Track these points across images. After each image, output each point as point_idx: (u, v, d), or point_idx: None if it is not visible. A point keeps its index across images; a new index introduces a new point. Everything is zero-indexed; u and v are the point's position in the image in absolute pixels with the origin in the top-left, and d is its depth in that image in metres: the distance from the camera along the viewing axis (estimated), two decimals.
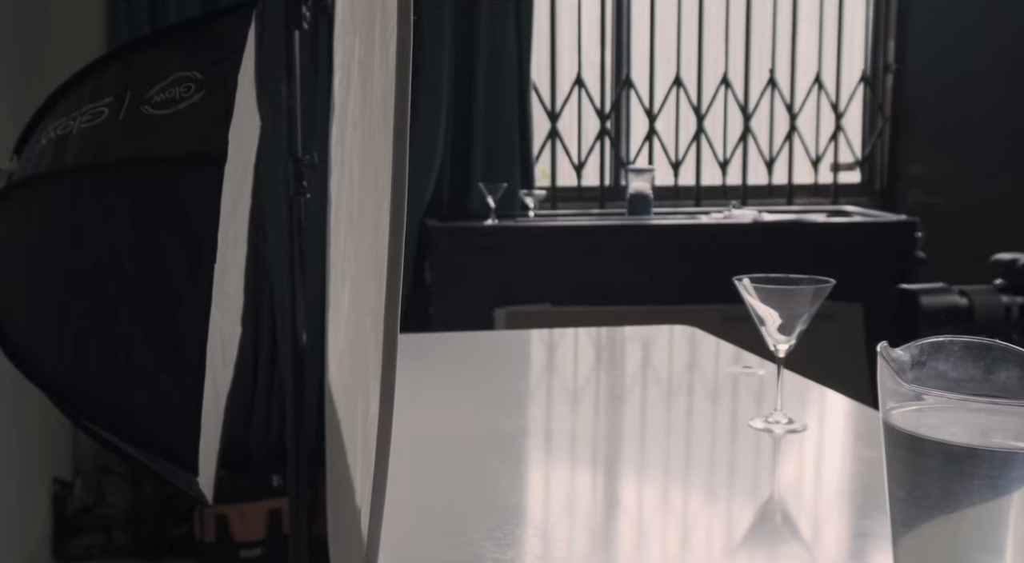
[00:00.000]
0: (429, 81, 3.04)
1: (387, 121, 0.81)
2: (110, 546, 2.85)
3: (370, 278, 0.97)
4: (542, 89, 3.32)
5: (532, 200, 3.09)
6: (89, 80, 1.04)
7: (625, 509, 0.99)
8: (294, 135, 1.69)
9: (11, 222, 0.98)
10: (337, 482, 1.31)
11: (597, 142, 3.38)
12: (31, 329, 0.97)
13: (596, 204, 3.36)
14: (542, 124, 3.32)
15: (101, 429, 0.97)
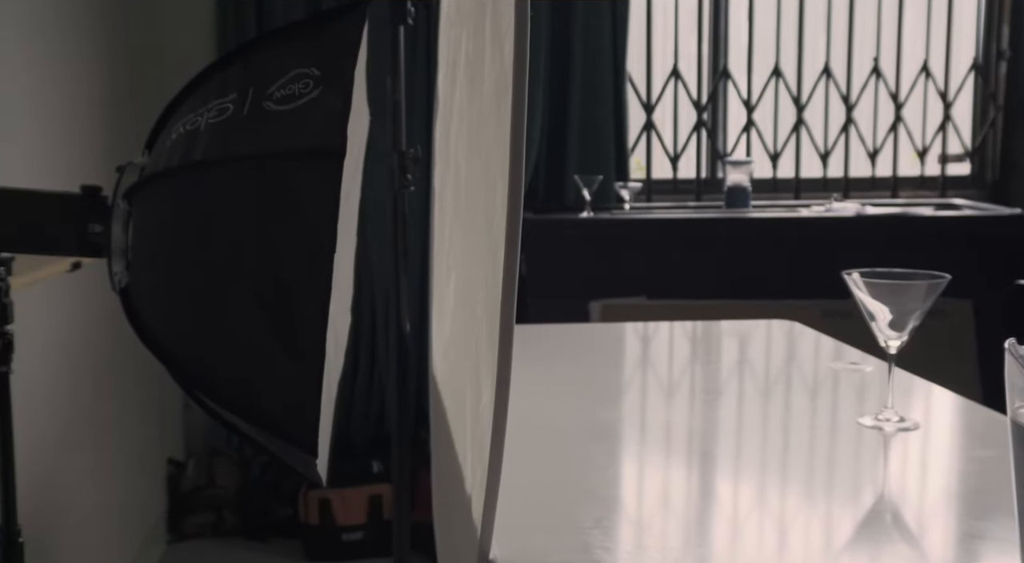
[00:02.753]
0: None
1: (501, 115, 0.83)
2: (220, 525, 2.97)
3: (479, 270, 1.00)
4: (637, 81, 3.30)
5: (627, 192, 3.08)
6: (215, 77, 1.08)
7: (720, 504, 0.98)
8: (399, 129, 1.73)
9: (144, 213, 1.03)
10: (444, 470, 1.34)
11: (693, 134, 3.35)
12: (165, 315, 1.03)
13: (692, 197, 3.33)
14: (637, 116, 3.31)
15: (225, 411, 1.02)
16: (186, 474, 3.00)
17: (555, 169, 3.18)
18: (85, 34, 2.37)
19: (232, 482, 2.99)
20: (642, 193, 3.24)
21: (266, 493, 2.95)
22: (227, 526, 2.97)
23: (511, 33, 0.78)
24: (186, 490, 2.97)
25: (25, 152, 1.97)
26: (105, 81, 2.47)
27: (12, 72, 1.92)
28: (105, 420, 2.45)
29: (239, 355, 0.98)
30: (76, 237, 1.12)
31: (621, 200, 3.10)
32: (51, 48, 2.14)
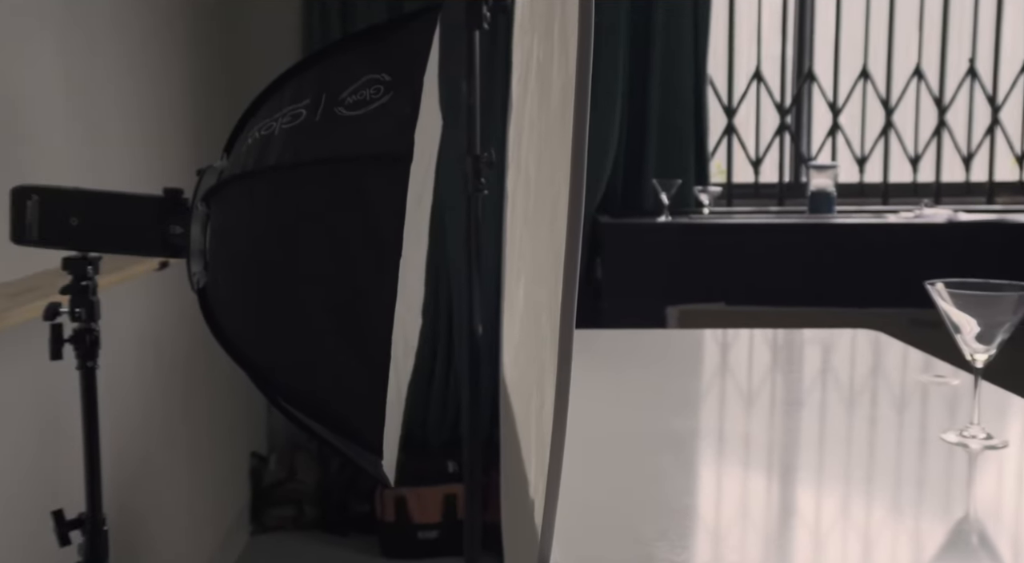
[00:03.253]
0: (603, 77, 3.05)
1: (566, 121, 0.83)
2: (300, 519, 3.03)
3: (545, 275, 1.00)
4: (719, 84, 3.26)
5: (707, 197, 3.04)
6: (290, 83, 1.11)
7: (801, 518, 0.96)
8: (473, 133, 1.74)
9: (222, 215, 1.07)
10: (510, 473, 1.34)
11: (776, 137, 3.28)
12: (238, 315, 1.06)
13: (774, 201, 3.26)
14: (718, 119, 3.26)
15: (295, 410, 1.04)
16: (268, 468, 3.08)
17: (633, 173, 3.16)
18: (178, 37, 2.46)
19: (312, 477, 3.05)
20: (722, 197, 3.20)
21: (344, 489, 3.00)
22: (307, 519, 3.03)
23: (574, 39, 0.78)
24: (268, 484, 3.05)
25: (119, 154, 2.05)
26: (194, 83, 2.56)
27: (105, 75, 2.00)
28: (192, 414, 2.53)
29: (307, 355, 1.01)
30: (158, 238, 1.16)
31: (700, 204, 3.06)
32: (143, 52, 2.23)
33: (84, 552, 1.20)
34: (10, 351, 1.48)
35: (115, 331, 1.99)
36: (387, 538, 2.86)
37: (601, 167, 3.06)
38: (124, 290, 2.01)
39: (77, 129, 1.84)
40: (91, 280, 1.19)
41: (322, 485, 3.05)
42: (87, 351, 1.19)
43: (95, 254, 1.20)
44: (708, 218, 3.01)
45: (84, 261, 1.18)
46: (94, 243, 1.17)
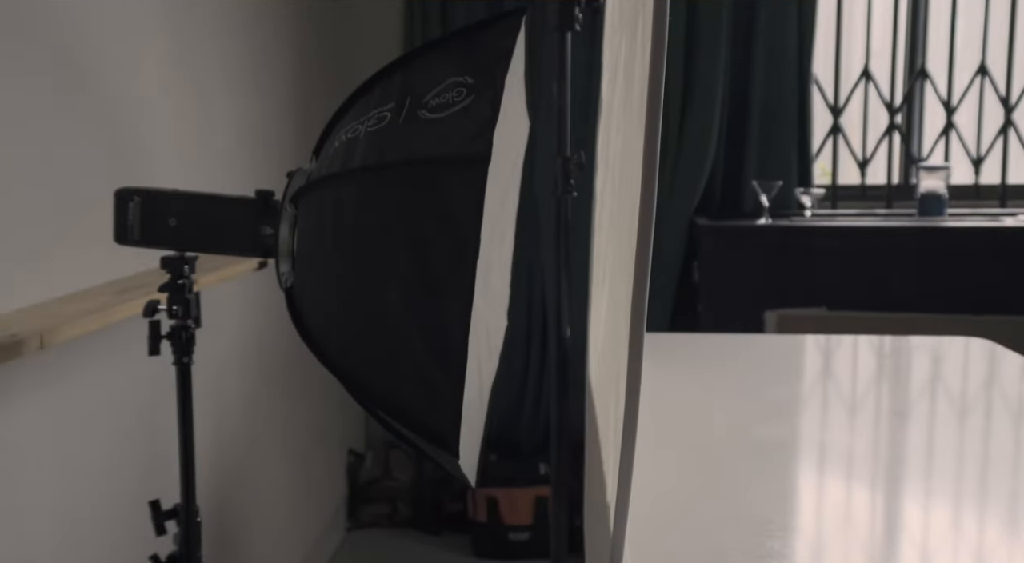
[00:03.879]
0: (703, 77, 3.00)
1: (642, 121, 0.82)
2: (395, 516, 3.08)
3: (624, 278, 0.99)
4: (824, 82, 3.16)
5: (809, 199, 2.95)
6: (377, 87, 1.13)
7: (908, 533, 0.92)
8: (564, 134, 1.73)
9: (308, 216, 1.09)
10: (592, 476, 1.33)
11: (885, 137, 3.16)
12: (321, 314, 1.08)
13: (882, 204, 3.15)
14: (823, 119, 3.16)
15: (376, 409, 1.06)
16: (365, 465, 3.14)
17: (733, 174, 3.09)
18: (280, 37, 2.53)
19: (407, 475, 3.10)
20: (826, 199, 3.10)
21: (438, 488, 3.04)
22: (401, 517, 3.08)
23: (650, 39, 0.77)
24: (364, 481, 3.11)
25: (224, 157, 2.13)
26: (298, 85, 2.63)
27: (211, 79, 2.08)
28: (292, 411, 2.61)
29: (387, 354, 1.02)
30: (251, 238, 1.20)
31: (802, 207, 2.97)
32: (249, 57, 2.30)
33: (179, 542, 1.25)
34: (115, 346, 1.55)
35: (217, 330, 2.06)
36: (479, 538, 2.88)
37: (699, 169, 3.01)
38: (226, 289, 2.08)
39: (183, 132, 1.91)
40: (187, 278, 1.23)
41: (416, 484, 3.09)
42: (183, 347, 1.24)
43: (191, 253, 1.24)
44: (810, 220, 2.92)
45: (181, 260, 1.22)
46: (190, 243, 1.21)
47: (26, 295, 1.34)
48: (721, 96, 3.02)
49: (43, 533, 1.39)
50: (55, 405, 1.41)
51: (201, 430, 1.95)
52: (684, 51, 3.00)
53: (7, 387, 1.28)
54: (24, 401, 1.32)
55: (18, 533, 1.32)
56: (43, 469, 1.38)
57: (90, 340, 1.44)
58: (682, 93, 3.02)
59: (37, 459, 1.36)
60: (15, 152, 1.33)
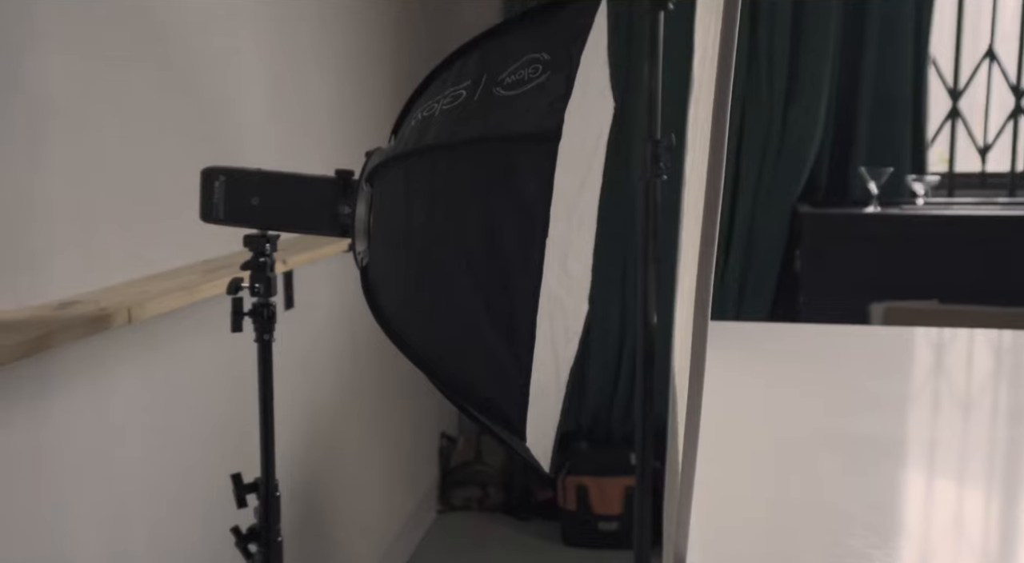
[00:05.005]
0: (810, 58, 2.88)
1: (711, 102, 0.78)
2: (485, 500, 3.10)
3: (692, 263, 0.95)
4: (943, 63, 3.00)
5: (922, 186, 2.81)
6: (455, 65, 1.12)
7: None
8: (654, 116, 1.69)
9: (382, 196, 1.09)
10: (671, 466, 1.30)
11: (1009, 122, 2.98)
12: (393, 293, 1.08)
13: (1003, 192, 2.97)
14: (941, 103, 3.00)
15: (450, 391, 1.05)
16: (456, 449, 3.16)
17: (840, 161, 2.97)
18: (381, 19, 2.55)
19: (497, 461, 3.10)
20: (941, 187, 2.94)
21: (528, 474, 3.03)
22: (492, 502, 3.09)
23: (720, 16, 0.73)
24: (456, 464, 3.13)
25: (318, 136, 2.16)
26: (392, 65, 2.65)
27: (304, 58, 2.11)
28: (385, 393, 2.64)
29: (456, 335, 1.01)
30: (330, 218, 1.21)
31: (914, 195, 2.83)
32: (344, 35, 2.33)
33: (259, 515, 1.27)
34: (204, 322, 1.59)
35: (311, 309, 2.10)
36: (568, 526, 2.86)
37: (804, 156, 2.90)
38: (317, 270, 2.11)
39: (278, 111, 1.95)
40: (269, 257, 1.25)
41: (507, 469, 3.09)
42: (264, 324, 1.26)
43: (273, 232, 1.26)
44: (922, 209, 2.78)
45: (263, 238, 1.24)
46: (271, 221, 1.23)
47: (118, 273, 1.38)
48: (829, 78, 2.90)
49: (132, 502, 1.44)
50: (144, 377, 1.45)
51: (291, 407, 2.00)
52: (790, 30, 2.89)
53: (98, 358, 1.33)
54: (115, 372, 1.37)
55: (109, 500, 1.38)
56: (133, 438, 1.43)
57: (179, 316, 1.49)
58: (787, 76, 2.91)
59: (127, 428, 1.41)
60: (114, 136, 1.38)
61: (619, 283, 3.09)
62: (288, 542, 1.37)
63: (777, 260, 2.94)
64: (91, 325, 1.15)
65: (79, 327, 1.13)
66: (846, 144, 2.96)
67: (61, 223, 1.27)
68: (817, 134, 2.90)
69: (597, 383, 3.15)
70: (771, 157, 2.93)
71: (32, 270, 1.22)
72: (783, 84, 2.91)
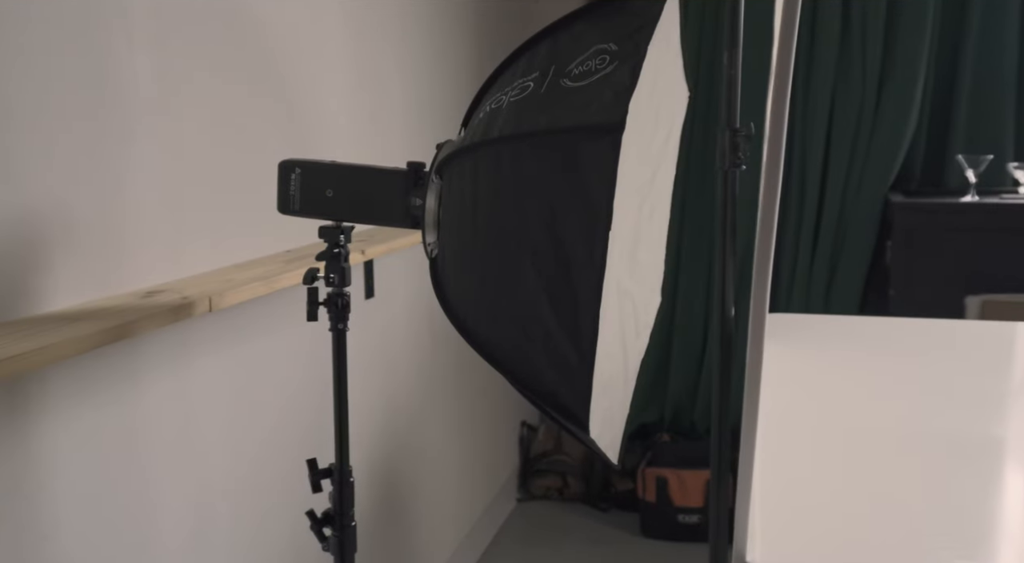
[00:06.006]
0: (906, 39, 2.77)
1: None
2: (565, 490, 3.10)
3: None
4: None
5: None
6: (524, 56, 1.12)
7: None
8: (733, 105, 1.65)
9: (450, 188, 1.10)
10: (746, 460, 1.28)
11: None
12: (460, 286, 1.09)
13: None
14: None
15: (512, 381, 1.06)
16: (537, 438, 3.17)
17: (937, 148, 2.86)
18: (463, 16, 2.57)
19: (578, 451, 3.10)
20: None
21: (608, 465, 3.02)
22: (572, 492, 3.09)
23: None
24: (536, 453, 3.14)
25: (400, 131, 2.19)
26: (471, 57, 2.66)
27: (383, 55, 2.14)
28: (464, 380, 2.67)
29: (521, 326, 1.01)
30: (402, 209, 1.22)
31: (1017, 183, 2.70)
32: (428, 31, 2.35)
33: (333, 500, 1.30)
34: (284, 311, 1.63)
35: (389, 298, 2.14)
36: (648, 518, 2.84)
37: (897, 143, 2.80)
38: (398, 260, 2.15)
39: (362, 105, 1.98)
40: (343, 247, 1.27)
41: (587, 459, 3.09)
42: (338, 314, 1.28)
43: (348, 224, 1.28)
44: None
45: (337, 230, 1.26)
46: (345, 213, 1.25)
47: (202, 264, 1.43)
48: (926, 60, 2.78)
49: (214, 482, 1.49)
50: (224, 363, 1.50)
51: (370, 395, 2.04)
52: (885, 8, 2.79)
53: (181, 344, 1.38)
54: (197, 359, 1.42)
55: (192, 481, 1.43)
56: (214, 421, 1.49)
57: (258, 305, 1.53)
58: (881, 57, 2.81)
59: (208, 412, 1.47)
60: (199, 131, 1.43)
61: (704, 276, 3.05)
62: (364, 528, 1.40)
63: (868, 251, 2.85)
64: (174, 313, 1.19)
65: (163, 315, 1.17)
66: (943, 130, 2.84)
67: (148, 215, 1.32)
68: (912, 119, 2.79)
69: (679, 375, 3.12)
70: (863, 144, 2.84)
71: (120, 260, 1.28)
72: (876, 66, 2.81)
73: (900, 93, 2.79)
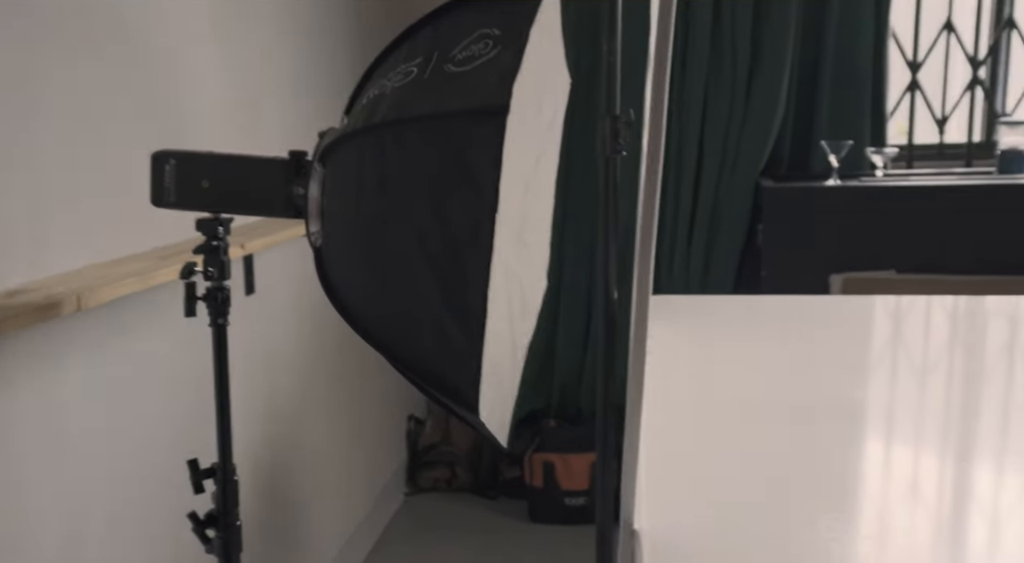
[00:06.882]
0: (773, 34, 2.89)
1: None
2: (453, 481, 3.10)
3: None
4: (903, 36, 3.02)
5: (881, 159, 2.83)
6: (406, 43, 1.11)
7: (978, 502, 0.87)
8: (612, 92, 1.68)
9: (334, 175, 1.08)
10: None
11: (966, 93, 3.01)
12: (347, 274, 1.07)
13: (961, 163, 3.00)
14: (900, 75, 3.02)
15: (400, 367, 1.05)
16: (425, 431, 3.16)
17: (802, 135, 2.99)
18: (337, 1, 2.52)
19: (466, 441, 3.11)
20: (900, 159, 2.97)
21: (496, 453, 3.04)
22: (460, 482, 3.09)
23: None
24: (424, 446, 3.13)
25: (272, 119, 2.13)
26: (351, 43, 2.62)
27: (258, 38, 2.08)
28: (350, 375, 2.63)
29: (408, 311, 1.00)
30: (284, 199, 1.19)
31: (874, 167, 2.85)
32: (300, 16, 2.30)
33: (216, 500, 1.27)
34: (159, 309, 1.57)
35: (271, 294, 2.08)
36: (535, 503, 2.88)
37: (766, 130, 2.91)
38: (279, 254, 2.10)
39: (233, 94, 1.92)
40: (222, 240, 1.23)
41: (475, 449, 3.10)
42: (218, 309, 1.24)
43: (226, 215, 1.24)
44: (881, 181, 2.81)
45: (215, 222, 1.22)
46: (224, 204, 1.21)
47: (70, 261, 1.36)
48: (792, 53, 2.91)
49: (90, 487, 1.43)
50: (98, 364, 1.43)
51: (253, 392, 1.98)
52: (752, 4, 2.90)
53: (49, 344, 1.31)
54: (69, 360, 1.35)
55: (66, 486, 1.36)
56: (88, 425, 1.42)
57: (132, 303, 1.47)
58: (750, 51, 2.92)
59: (81, 415, 1.40)
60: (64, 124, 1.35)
61: (586, 261, 3.10)
62: (249, 527, 1.37)
63: (741, 234, 2.96)
64: (40, 312, 1.13)
65: (27, 314, 1.11)
66: (808, 118, 2.97)
67: (10, 211, 1.24)
68: (779, 109, 2.91)
69: (565, 361, 3.16)
70: (735, 132, 2.94)
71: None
72: (746, 58, 2.92)
73: (768, 85, 2.90)
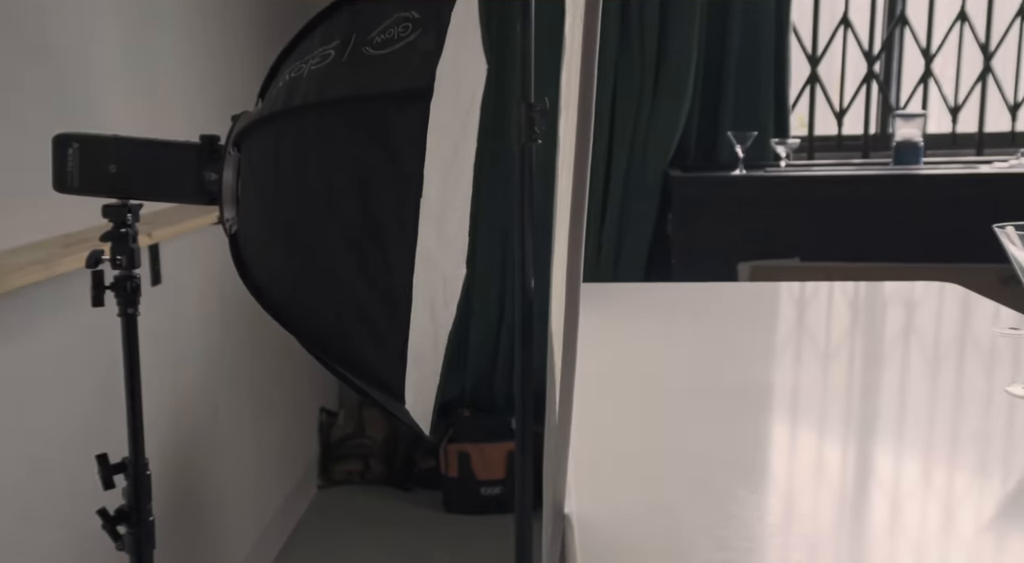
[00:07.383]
0: (679, 28, 2.94)
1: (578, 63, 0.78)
2: (367, 473, 3.07)
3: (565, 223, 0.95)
4: (802, 31, 3.11)
5: (785, 149, 2.92)
6: (322, 25, 1.09)
7: (879, 482, 0.90)
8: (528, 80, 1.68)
9: (251, 160, 1.05)
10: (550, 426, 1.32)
11: (863, 87, 3.13)
12: (265, 261, 1.05)
13: (858, 154, 3.12)
14: (801, 69, 3.12)
15: (324, 357, 1.03)
16: (337, 423, 3.12)
17: (708, 126, 3.06)
18: None
19: (380, 433, 3.08)
20: (802, 150, 3.07)
21: (410, 444, 3.03)
22: (374, 474, 3.07)
23: None
24: (337, 438, 3.09)
25: (177, 103, 2.07)
26: (260, 25, 2.56)
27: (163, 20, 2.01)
28: (261, 368, 2.58)
29: (331, 298, 0.99)
30: (195, 185, 1.16)
31: (778, 158, 2.94)
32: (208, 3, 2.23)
33: (127, 495, 1.22)
34: (65, 299, 1.51)
35: (179, 284, 2.02)
36: (451, 494, 2.88)
37: (674, 122, 2.97)
38: (186, 243, 2.04)
39: (135, 77, 1.86)
40: (131, 227, 1.19)
41: (389, 440, 3.08)
42: (128, 298, 1.20)
43: (135, 201, 1.20)
44: (784, 171, 2.89)
45: (124, 208, 1.18)
46: (132, 190, 1.17)
47: None
48: (697, 47, 2.97)
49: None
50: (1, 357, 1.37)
51: (161, 387, 1.93)
52: (659, 3, 2.95)
53: None
54: None
55: None
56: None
57: (37, 292, 1.41)
58: (657, 44, 2.97)
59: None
60: None
61: (499, 250, 3.10)
62: (160, 523, 1.32)
63: (651, 224, 3.01)
64: None
65: None
66: (714, 110, 3.04)
67: None
68: (686, 100, 2.97)
69: (478, 350, 3.16)
70: (643, 124, 2.99)
71: None
72: (653, 51, 2.96)
73: (675, 78, 2.95)
